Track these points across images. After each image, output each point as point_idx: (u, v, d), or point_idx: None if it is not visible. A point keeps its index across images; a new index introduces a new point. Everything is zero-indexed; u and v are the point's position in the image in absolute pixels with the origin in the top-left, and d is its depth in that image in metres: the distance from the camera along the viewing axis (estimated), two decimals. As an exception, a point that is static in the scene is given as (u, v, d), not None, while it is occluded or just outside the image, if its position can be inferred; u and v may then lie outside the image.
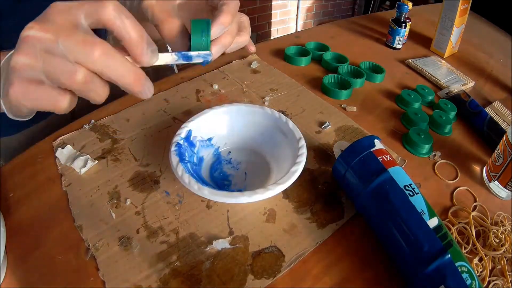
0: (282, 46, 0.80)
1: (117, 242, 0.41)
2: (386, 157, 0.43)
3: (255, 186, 0.42)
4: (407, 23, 0.85)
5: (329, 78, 0.70)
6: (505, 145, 0.49)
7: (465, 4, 0.83)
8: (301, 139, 0.47)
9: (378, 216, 0.41)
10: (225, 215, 0.45)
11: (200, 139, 0.49)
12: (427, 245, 0.36)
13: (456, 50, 0.92)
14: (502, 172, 0.50)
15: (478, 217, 0.47)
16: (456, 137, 0.62)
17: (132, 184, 0.48)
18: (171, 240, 0.42)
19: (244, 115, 0.52)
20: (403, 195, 0.39)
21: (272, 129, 0.51)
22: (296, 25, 2.80)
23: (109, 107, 0.60)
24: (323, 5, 2.88)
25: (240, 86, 0.68)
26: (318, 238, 0.43)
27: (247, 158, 0.52)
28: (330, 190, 0.49)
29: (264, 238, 0.42)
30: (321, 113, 0.62)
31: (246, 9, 2.42)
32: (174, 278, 0.38)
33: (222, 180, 0.49)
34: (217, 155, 0.52)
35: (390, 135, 0.60)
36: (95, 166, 0.50)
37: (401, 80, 0.76)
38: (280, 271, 0.39)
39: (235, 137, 0.53)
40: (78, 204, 0.45)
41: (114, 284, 0.37)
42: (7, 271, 0.38)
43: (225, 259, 0.40)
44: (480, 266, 0.42)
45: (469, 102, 0.68)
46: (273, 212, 0.45)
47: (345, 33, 0.95)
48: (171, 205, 0.45)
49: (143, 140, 0.54)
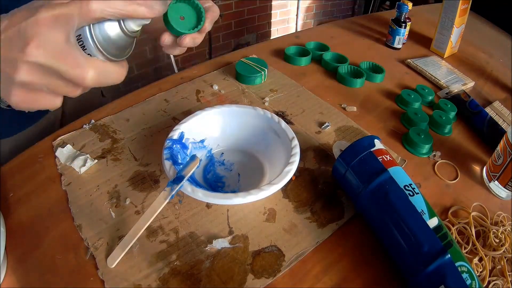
0: (282, 46, 0.80)
1: (116, 241, 0.41)
2: (386, 157, 0.43)
3: (249, 187, 0.42)
4: (407, 23, 0.85)
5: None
6: (505, 145, 0.49)
7: (465, 4, 0.83)
8: (294, 139, 0.47)
9: (378, 216, 0.41)
10: (225, 215, 0.45)
11: (192, 141, 0.49)
12: (427, 245, 0.36)
13: (456, 50, 0.92)
14: (502, 172, 0.50)
15: (478, 217, 0.47)
16: (456, 137, 0.62)
17: (132, 183, 0.48)
18: (170, 239, 0.42)
19: (236, 116, 0.52)
20: (403, 195, 0.39)
21: (264, 129, 0.51)
22: (296, 25, 2.80)
23: (109, 107, 0.60)
24: (323, 5, 2.88)
25: (240, 86, 0.67)
26: (318, 237, 0.43)
27: (240, 159, 0.52)
28: (330, 190, 0.49)
29: (264, 237, 0.42)
30: (321, 114, 0.62)
31: (246, 9, 2.42)
32: (173, 277, 0.38)
33: (216, 182, 0.49)
34: (210, 157, 0.52)
35: (390, 135, 0.60)
36: (95, 166, 0.50)
37: (401, 80, 0.76)
38: (280, 271, 0.39)
39: (228, 139, 0.53)
40: (78, 204, 0.45)
41: (113, 284, 0.37)
42: (7, 271, 0.38)
43: (225, 259, 0.40)
44: (480, 266, 0.41)
45: (469, 102, 0.68)
46: (273, 212, 0.45)
47: (345, 33, 0.95)
48: (171, 204, 0.45)
49: (143, 140, 0.54)
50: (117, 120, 0.58)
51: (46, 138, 0.54)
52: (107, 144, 0.54)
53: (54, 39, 0.28)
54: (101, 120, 0.58)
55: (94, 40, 0.31)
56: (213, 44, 2.36)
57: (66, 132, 0.55)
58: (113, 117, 0.58)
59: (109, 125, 0.57)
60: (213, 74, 0.71)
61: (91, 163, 0.50)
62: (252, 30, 2.55)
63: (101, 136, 0.55)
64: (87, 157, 0.50)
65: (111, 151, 0.52)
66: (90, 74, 0.29)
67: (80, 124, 0.57)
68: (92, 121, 0.57)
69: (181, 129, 0.48)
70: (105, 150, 0.53)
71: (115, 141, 0.54)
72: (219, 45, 2.42)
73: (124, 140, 0.54)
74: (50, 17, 0.27)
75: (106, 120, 0.58)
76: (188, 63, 2.24)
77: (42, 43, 0.27)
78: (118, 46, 0.33)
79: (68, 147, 0.52)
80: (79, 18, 0.29)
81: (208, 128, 0.51)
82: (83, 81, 0.29)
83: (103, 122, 0.57)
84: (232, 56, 0.77)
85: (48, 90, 0.30)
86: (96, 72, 0.30)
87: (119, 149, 0.53)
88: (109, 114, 0.59)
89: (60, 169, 0.49)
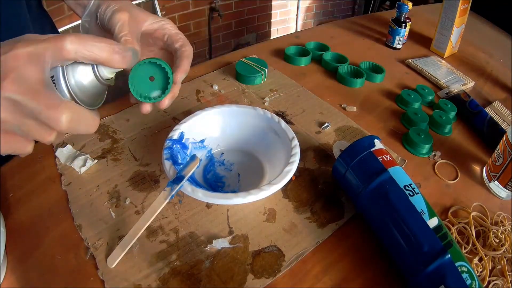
0: (282, 46, 0.80)
1: (116, 241, 0.41)
2: (386, 157, 0.43)
3: (249, 187, 0.42)
4: (407, 23, 0.85)
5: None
6: (505, 145, 0.49)
7: (465, 4, 0.83)
8: (294, 139, 0.47)
9: (378, 216, 0.41)
10: (225, 215, 0.45)
11: (192, 141, 0.49)
12: (427, 245, 0.36)
13: (456, 50, 0.92)
14: (502, 172, 0.50)
15: (478, 217, 0.47)
16: (456, 137, 0.62)
17: (132, 183, 0.48)
18: (170, 239, 0.42)
19: (236, 116, 0.52)
20: (403, 195, 0.39)
21: (264, 129, 0.51)
22: (296, 25, 2.80)
23: (109, 107, 0.60)
24: (323, 5, 2.88)
25: (240, 86, 0.67)
26: (318, 237, 0.43)
27: (240, 159, 0.52)
28: (330, 190, 0.49)
29: (264, 237, 0.42)
30: (321, 114, 0.62)
31: (246, 9, 2.42)
32: (173, 277, 0.38)
33: (216, 182, 0.49)
34: (210, 157, 0.52)
35: (390, 135, 0.60)
36: (95, 166, 0.50)
37: (401, 80, 0.76)
38: (280, 271, 0.39)
39: (228, 138, 0.53)
40: (78, 204, 0.45)
41: (113, 284, 0.37)
42: (7, 271, 0.38)
43: (225, 259, 0.40)
44: (480, 266, 0.41)
45: (469, 102, 0.68)
46: (273, 212, 0.45)
47: (345, 33, 0.95)
48: (171, 204, 0.45)
49: (143, 140, 0.54)
50: (117, 120, 0.58)
51: (46, 138, 0.54)
52: (107, 144, 0.54)
53: (29, 75, 0.27)
54: (101, 120, 0.58)
55: (67, 82, 0.30)
56: (213, 44, 2.36)
57: (66, 132, 0.55)
58: (113, 117, 0.58)
59: (109, 125, 0.57)
60: (213, 74, 0.71)
61: (91, 163, 0.50)
62: (252, 30, 2.55)
63: (101, 136, 0.55)
64: (87, 157, 0.50)
65: (111, 151, 0.52)
66: (65, 116, 0.28)
67: (80, 124, 0.57)
68: (92, 121, 0.57)
69: (181, 129, 0.48)
70: (105, 150, 0.53)
71: (115, 141, 0.54)
72: (219, 45, 2.42)
73: (124, 140, 0.54)
74: (26, 53, 0.27)
75: (106, 120, 0.58)
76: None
77: (18, 78, 0.26)
78: (90, 93, 0.32)
79: (68, 147, 0.52)
80: (52, 56, 0.28)
81: (208, 128, 0.51)
82: (57, 123, 0.28)
83: (103, 122, 0.57)
84: (232, 56, 0.77)
85: (21, 131, 0.28)
86: (70, 116, 0.28)
87: (119, 149, 0.53)
88: (109, 114, 0.59)
89: (60, 169, 0.49)
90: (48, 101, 0.27)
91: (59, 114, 0.28)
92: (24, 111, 0.27)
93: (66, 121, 0.28)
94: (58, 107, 0.28)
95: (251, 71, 0.68)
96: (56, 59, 0.28)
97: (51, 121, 0.28)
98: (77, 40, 0.29)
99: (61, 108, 0.28)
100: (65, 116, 0.28)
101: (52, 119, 0.28)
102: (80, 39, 0.29)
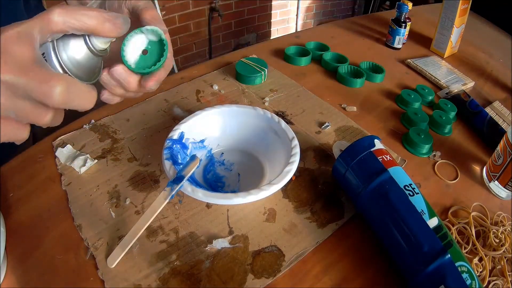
0: (282, 46, 0.80)
1: (116, 241, 0.41)
2: (386, 157, 0.43)
3: (249, 187, 0.42)
4: (407, 23, 0.85)
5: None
6: (505, 145, 0.49)
7: (465, 4, 0.83)
8: (294, 139, 0.47)
9: (378, 216, 0.41)
10: (225, 215, 0.45)
11: (192, 141, 0.49)
12: (427, 245, 0.36)
13: (456, 50, 0.92)
14: (502, 172, 0.50)
15: (478, 217, 0.47)
16: (456, 137, 0.62)
17: (132, 183, 0.48)
18: (170, 239, 0.42)
19: (236, 116, 0.52)
20: (403, 195, 0.39)
21: (264, 129, 0.51)
22: (296, 25, 2.80)
23: (109, 107, 0.60)
24: (323, 5, 2.88)
25: (240, 86, 0.67)
26: (318, 237, 0.43)
27: (240, 159, 0.52)
28: (330, 190, 0.49)
29: (264, 237, 0.42)
30: (321, 114, 0.62)
31: (246, 9, 2.42)
32: (173, 277, 0.38)
33: (216, 182, 0.49)
34: (210, 157, 0.52)
35: (390, 135, 0.60)
36: (95, 166, 0.50)
37: (401, 80, 0.76)
38: (280, 271, 0.39)
39: (228, 138, 0.53)
40: (78, 204, 0.45)
41: (113, 284, 0.37)
42: (7, 271, 0.38)
43: (225, 259, 0.40)
44: (480, 266, 0.41)
45: (469, 102, 0.68)
46: (273, 212, 0.45)
47: (345, 33, 0.95)
48: (171, 204, 0.45)
49: (143, 140, 0.54)
50: (117, 120, 0.58)
51: (46, 138, 0.54)
52: (107, 144, 0.54)
53: (19, 54, 0.26)
54: (101, 120, 0.58)
55: (58, 57, 0.29)
56: (213, 44, 2.36)
57: (66, 132, 0.55)
58: (113, 117, 0.58)
59: (109, 125, 0.57)
60: (213, 74, 0.71)
61: (91, 163, 0.50)
62: (252, 30, 2.55)
63: (101, 136, 0.55)
64: (87, 157, 0.50)
65: (111, 151, 0.52)
66: (58, 89, 0.27)
67: (80, 124, 0.57)
68: (92, 121, 0.57)
69: (181, 129, 0.48)
70: (105, 150, 0.53)
71: (115, 141, 0.54)
72: (219, 45, 2.42)
73: (124, 140, 0.54)
74: (14, 33, 0.26)
75: (106, 120, 0.58)
76: (188, 63, 2.24)
77: (9, 59, 0.26)
78: (85, 66, 0.31)
79: (68, 147, 0.52)
80: (40, 30, 0.27)
81: (208, 128, 0.51)
82: (50, 96, 0.27)
83: (103, 122, 0.57)
84: (232, 56, 0.77)
85: (16, 115, 0.27)
86: (64, 87, 0.27)
87: (119, 149, 0.53)
88: (109, 114, 0.59)
89: (60, 169, 0.49)
90: (39, 75, 0.27)
91: (52, 87, 0.27)
92: (18, 92, 0.26)
93: (59, 93, 0.27)
94: (51, 80, 0.27)
95: (251, 71, 0.68)
96: (44, 33, 0.28)
97: (44, 96, 0.27)
98: (64, 12, 0.28)
99: (53, 81, 0.27)
100: (59, 88, 0.27)
101: (45, 93, 0.27)
102: (68, 10, 0.28)
